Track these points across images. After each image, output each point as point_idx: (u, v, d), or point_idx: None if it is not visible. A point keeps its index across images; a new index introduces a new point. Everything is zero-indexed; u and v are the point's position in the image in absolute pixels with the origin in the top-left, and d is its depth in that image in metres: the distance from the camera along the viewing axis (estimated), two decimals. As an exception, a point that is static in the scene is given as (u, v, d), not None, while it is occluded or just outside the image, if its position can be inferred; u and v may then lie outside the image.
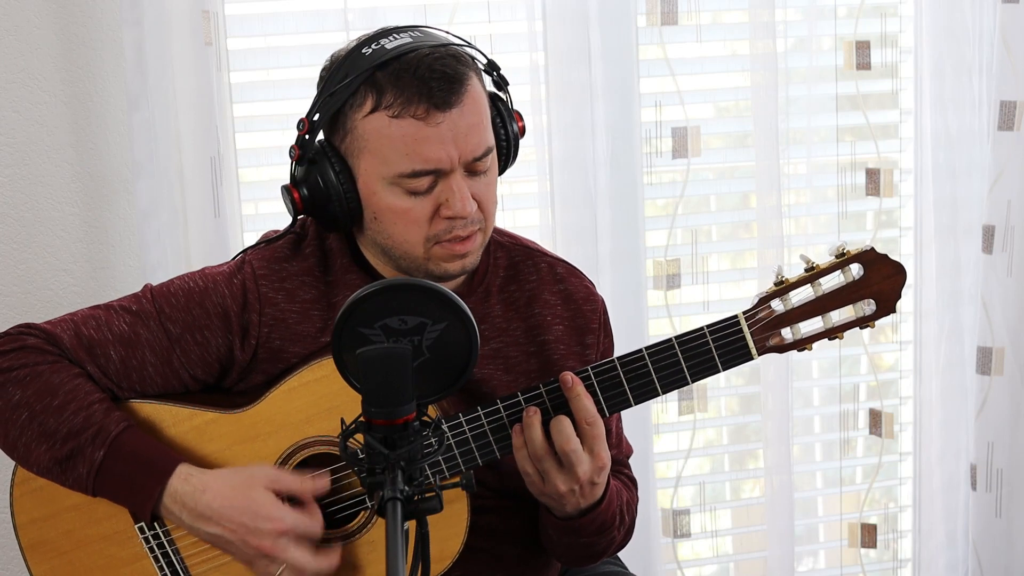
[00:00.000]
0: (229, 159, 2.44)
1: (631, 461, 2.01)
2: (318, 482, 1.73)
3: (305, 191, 1.77)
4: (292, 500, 1.75)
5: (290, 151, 1.78)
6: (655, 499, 2.69)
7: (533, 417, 1.72)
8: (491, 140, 1.76)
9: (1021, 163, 2.61)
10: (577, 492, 1.74)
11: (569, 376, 1.72)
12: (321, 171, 1.75)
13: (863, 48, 2.65)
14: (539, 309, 1.88)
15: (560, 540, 1.84)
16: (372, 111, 1.71)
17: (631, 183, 2.58)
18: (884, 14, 2.66)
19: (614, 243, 2.58)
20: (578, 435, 1.72)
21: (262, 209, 2.57)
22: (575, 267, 1.95)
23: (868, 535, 2.84)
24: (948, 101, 2.64)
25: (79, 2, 2.39)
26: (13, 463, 1.80)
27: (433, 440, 1.39)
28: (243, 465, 1.77)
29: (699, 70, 2.65)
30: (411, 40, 1.72)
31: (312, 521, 1.72)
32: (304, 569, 1.71)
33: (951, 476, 2.80)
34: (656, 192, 2.65)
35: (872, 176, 2.70)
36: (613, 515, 1.82)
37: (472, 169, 1.74)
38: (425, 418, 1.38)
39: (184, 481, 1.71)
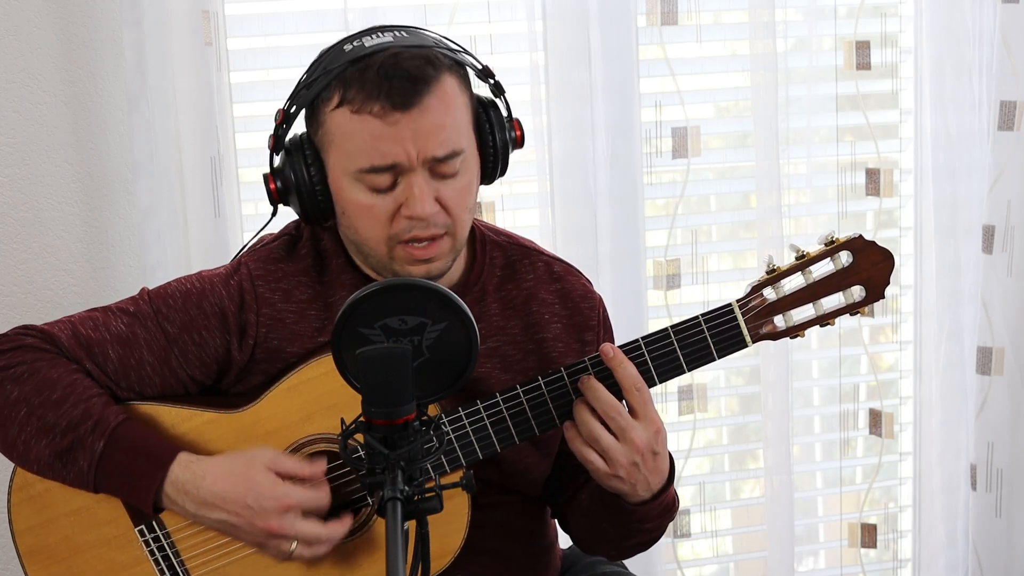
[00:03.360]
0: (229, 159, 2.44)
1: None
2: (316, 466, 1.72)
3: (279, 183, 1.78)
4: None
5: (268, 140, 1.80)
6: (655, 499, 2.69)
7: (580, 405, 1.71)
8: (460, 144, 1.73)
9: (1021, 163, 2.61)
10: (641, 465, 1.71)
11: (609, 347, 1.72)
12: (294, 163, 1.76)
13: (863, 48, 2.65)
14: (536, 308, 1.88)
15: (618, 530, 1.82)
16: (338, 105, 1.71)
17: (631, 183, 2.58)
18: (884, 14, 2.66)
19: (614, 243, 2.58)
20: (628, 403, 1.71)
21: (262, 209, 2.56)
22: (572, 265, 1.95)
23: (868, 535, 2.84)
24: (948, 101, 2.64)
25: (79, 2, 2.39)
26: (11, 471, 1.79)
27: (434, 438, 1.38)
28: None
29: (699, 70, 2.65)
30: (392, 40, 1.72)
31: (317, 494, 1.71)
32: (317, 539, 1.70)
33: (951, 476, 2.80)
34: (656, 192, 2.65)
35: (872, 176, 2.70)
36: (675, 496, 1.82)
37: (437, 171, 1.72)
38: (425, 416, 1.38)
39: (185, 469, 1.71)
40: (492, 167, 1.82)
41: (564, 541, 2.06)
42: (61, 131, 2.41)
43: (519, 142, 1.84)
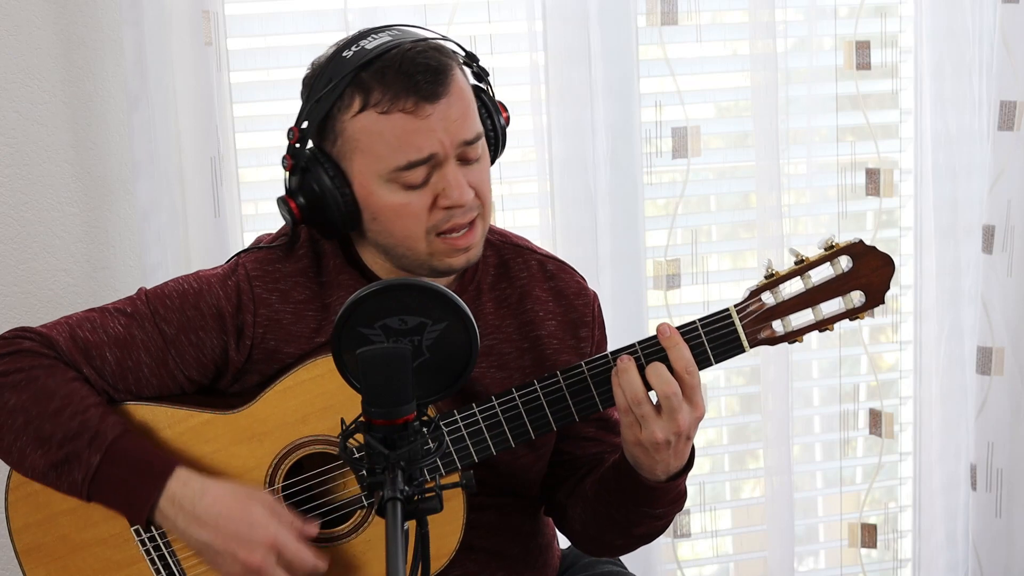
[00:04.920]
0: (229, 159, 2.44)
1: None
2: (309, 527, 1.73)
3: (302, 200, 1.77)
4: None
5: (283, 162, 1.78)
6: (655, 499, 2.69)
7: (629, 363, 1.70)
8: (479, 126, 1.76)
9: (1021, 163, 2.60)
10: (672, 444, 1.71)
11: (666, 327, 1.71)
12: (316, 178, 1.75)
13: (863, 48, 2.65)
14: (531, 306, 1.88)
15: (626, 516, 1.82)
16: (360, 111, 1.71)
17: (631, 183, 2.58)
18: (884, 14, 2.66)
19: (614, 243, 2.58)
20: (679, 384, 1.70)
21: (262, 209, 2.57)
22: (565, 263, 1.95)
23: (868, 535, 2.84)
24: (948, 101, 2.64)
25: (79, 2, 2.39)
26: (7, 468, 1.79)
27: (431, 441, 1.38)
28: (239, 465, 1.77)
29: (699, 70, 2.65)
30: (391, 39, 1.73)
31: (306, 551, 1.70)
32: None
33: (951, 476, 2.80)
34: (656, 192, 2.65)
35: (872, 176, 2.70)
36: (685, 488, 1.82)
37: (464, 156, 1.74)
38: (425, 417, 1.38)
39: (183, 484, 1.71)
40: (495, 149, 1.83)
41: (563, 541, 2.06)
42: (61, 131, 2.41)
43: (507, 123, 1.86)
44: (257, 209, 2.56)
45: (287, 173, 1.79)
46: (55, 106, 2.40)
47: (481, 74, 1.83)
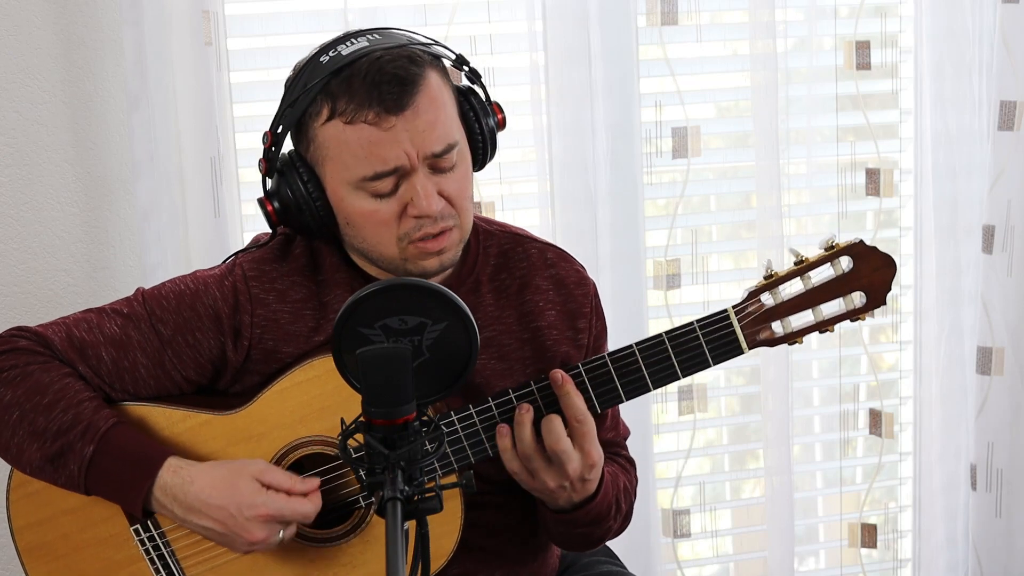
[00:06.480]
0: (229, 159, 2.44)
1: (629, 442, 2.02)
2: (307, 482, 1.73)
3: (276, 203, 1.78)
4: None
5: (259, 165, 1.79)
6: (655, 499, 2.69)
7: (525, 416, 1.73)
8: (454, 136, 1.74)
9: (1021, 163, 2.60)
10: (568, 488, 1.75)
11: (559, 374, 1.73)
12: (289, 182, 1.76)
13: (863, 48, 2.65)
14: (531, 295, 1.88)
15: (555, 530, 1.85)
16: (328, 119, 1.71)
17: (631, 183, 2.58)
18: (884, 14, 2.66)
19: (614, 243, 2.58)
20: (568, 433, 1.72)
21: (262, 209, 2.56)
22: (565, 252, 1.94)
23: (868, 535, 2.84)
24: (948, 101, 2.64)
25: (79, 2, 2.39)
26: (9, 468, 1.80)
27: (428, 443, 1.38)
28: (237, 465, 1.77)
29: (699, 70, 2.65)
30: (367, 44, 1.72)
31: (299, 504, 1.70)
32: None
33: (951, 476, 2.80)
34: (656, 192, 2.65)
35: (872, 176, 2.70)
36: (608, 506, 1.82)
37: (436, 166, 1.73)
38: (425, 417, 1.38)
39: (174, 473, 1.71)
40: (482, 153, 1.81)
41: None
42: (61, 131, 2.41)
43: (502, 124, 1.83)
44: (257, 209, 2.56)
45: (263, 176, 1.79)
46: (55, 106, 2.40)
47: (473, 77, 1.82)
